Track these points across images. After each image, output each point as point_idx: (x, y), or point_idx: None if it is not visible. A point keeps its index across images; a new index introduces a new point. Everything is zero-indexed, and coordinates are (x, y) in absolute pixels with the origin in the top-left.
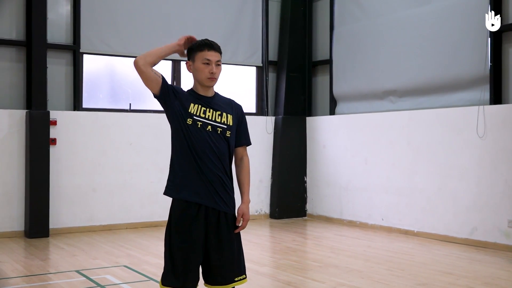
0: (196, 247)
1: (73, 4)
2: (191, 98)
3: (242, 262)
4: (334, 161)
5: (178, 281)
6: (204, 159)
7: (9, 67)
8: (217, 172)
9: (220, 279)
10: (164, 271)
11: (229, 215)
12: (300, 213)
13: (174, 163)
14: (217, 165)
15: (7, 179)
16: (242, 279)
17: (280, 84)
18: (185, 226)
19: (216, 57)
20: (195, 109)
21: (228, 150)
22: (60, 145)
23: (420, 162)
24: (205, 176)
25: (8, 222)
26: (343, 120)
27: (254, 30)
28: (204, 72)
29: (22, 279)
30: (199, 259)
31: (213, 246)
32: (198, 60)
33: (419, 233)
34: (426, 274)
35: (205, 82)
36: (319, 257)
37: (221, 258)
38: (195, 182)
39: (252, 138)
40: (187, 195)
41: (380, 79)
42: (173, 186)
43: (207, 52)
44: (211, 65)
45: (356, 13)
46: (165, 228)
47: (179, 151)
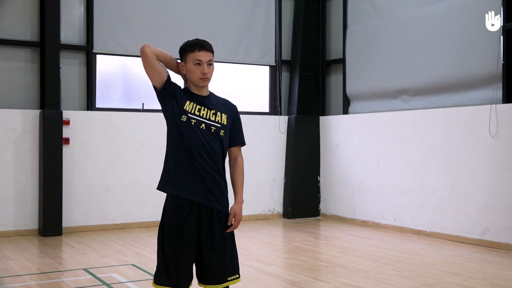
0: (189, 246)
1: (86, 5)
2: (187, 96)
3: (235, 262)
4: (347, 161)
5: (170, 280)
6: (197, 157)
7: (24, 67)
8: (210, 171)
9: (212, 278)
10: (157, 270)
11: (222, 214)
12: (314, 212)
13: (169, 159)
14: (210, 164)
15: (22, 178)
16: (235, 279)
17: (293, 83)
18: (177, 225)
19: (207, 57)
20: (190, 107)
21: (221, 149)
22: (73, 144)
23: (432, 161)
24: (198, 174)
25: (22, 221)
26: (356, 119)
27: (267, 29)
28: (196, 73)
29: (30, 276)
30: (192, 258)
31: (206, 245)
32: (189, 61)
33: (431, 233)
34: (433, 274)
35: (197, 83)
36: (327, 257)
37: (213, 258)
38: (188, 179)
39: (265, 137)
40: (180, 192)
41: (393, 78)
42: (167, 182)
43: (198, 52)
44: (202, 65)
45: (369, 11)
46: (158, 226)
47: (173, 148)
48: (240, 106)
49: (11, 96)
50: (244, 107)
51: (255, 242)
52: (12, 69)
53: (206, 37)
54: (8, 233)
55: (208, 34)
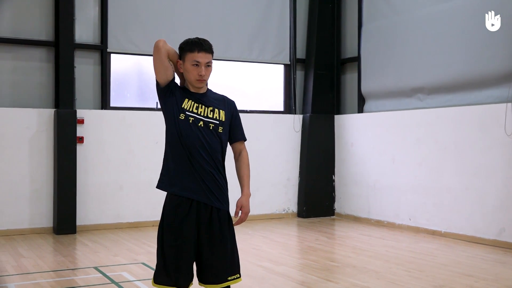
0: (188, 245)
1: (101, 4)
2: (185, 94)
3: (236, 261)
4: (362, 160)
5: (170, 280)
6: (195, 156)
7: (39, 67)
8: (209, 169)
9: (212, 278)
10: (156, 269)
11: (222, 212)
12: (328, 212)
13: (168, 158)
14: (209, 162)
15: (37, 176)
16: (236, 278)
17: (308, 82)
18: (177, 224)
19: (206, 59)
20: (188, 105)
21: (220, 147)
22: (88, 143)
23: (447, 160)
24: (197, 172)
25: (37, 219)
26: (371, 118)
27: (282, 27)
28: (193, 74)
29: (40, 274)
30: (191, 258)
31: (205, 245)
32: (187, 61)
33: (446, 233)
34: (445, 275)
35: (194, 84)
36: (339, 257)
37: (213, 257)
38: (187, 178)
39: (279, 136)
40: (179, 190)
41: (408, 76)
42: (166, 180)
43: (197, 53)
44: (200, 67)
45: (384, 9)
46: (158, 225)
47: (172, 146)
48: (254, 105)
49: (26, 96)
50: (259, 106)
51: (267, 242)
52: (28, 68)
53: (220, 36)
54: (23, 231)
55: (222, 32)
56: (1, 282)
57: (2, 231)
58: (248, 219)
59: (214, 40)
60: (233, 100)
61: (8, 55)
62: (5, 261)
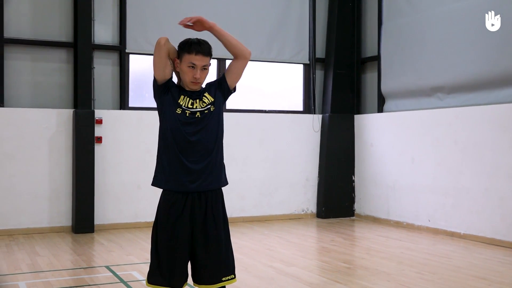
0: (182, 246)
1: (120, 5)
2: (181, 92)
3: (230, 262)
4: (381, 160)
5: (164, 280)
6: (188, 151)
7: (59, 68)
8: (202, 163)
9: (207, 278)
10: (150, 269)
11: (216, 212)
12: (348, 213)
13: (162, 155)
14: (203, 155)
15: (56, 176)
16: (231, 279)
17: (327, 81)
18: (170, 224)
19: (202, 62)
20: (184, 102)
21: (217, 126)
22: (106, 143)
23: (466, 161)
24: (189, 168)
25: (56, 218)
26: (390, 118)
27: (301, 27)
28: (189, 75)
29: (52, 273)
30: (185, 258)
31: (199, 245)
32: (184, 61)
33: (466, 235)
34: (458, 278)
35: (188, 85)
36: (352, 258)
37: (207, 257)
38: (181, 173)
39: (298, 136)
40: (174, 186)
41: (428, 75)
42: (161, 177)
43: (194, 55)
44: (196, 69)
45: (404, 7)
46: (152, 225)
47: (166, 143)
48: (273, 105)
49: (46, 96)
50: (278, 106)
51: (282, 242)
52: (48, 69)
53: (239, 35)
54: (43, 229)
55: (240, 32)
56: (1, 281)
57: (22, 229)
58: (266, 219)
59: None
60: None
61: (28, 56)
62: (20, 259)
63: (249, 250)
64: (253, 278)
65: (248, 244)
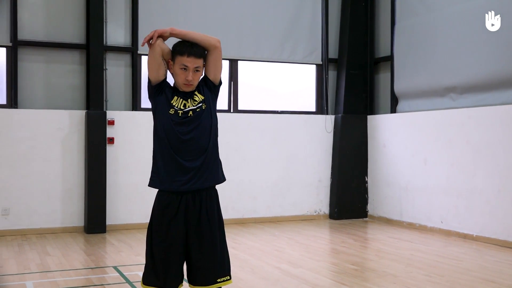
0: (176, 247)
1: (131, 7)
2: (174, 92)
3: (226, 263)
4: (394, 161)
5: (158, 281)
6: (183, 152)
7: (72, 69)
8: (198, 161)
9: (201, 279)
10: (145, 270)
11: (211, 213)
12: (361, 214)
13: (157, 156)
14: (197, 153)
15: (69, 176)
16: (226, 280)
17: (340, 82)
18: (164, 226)
19: (194, 64)
20: (177, 103)
21: (210, 122)
22: (118, 144)
23: (479, 162)
24: (185, 166)
25: (69, 218)
26: (403, 118)
27: (314, 27)
28: (181, 77)
29: (60, 273)
30: (180, 259)
31: (194, 246)
32: (177, 63)
33: (478, 237)
34: (466, 281)
35: (181, 87)
36: (360, 260)
37: (202, 258)
38: (176, 173)
39: (311, 137)
40: (169, 186)
41: (441, 75)
42: (156, 178)
43: (186, 58)
44: (188, 71)
45: (417, 7)
46: (147, 226)
47: (160, 144)
48: (286, 106)
49: (59, 97)
50: (290, 106)
51: (291, 243)
52: (61, 71)
53: (251, 36)
54: (55, 229)
55: (253, 33)
56: (1, 282)
57: (35, 229)
58: (277, 220)
59: (245, 40)
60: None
61: (41, 58)
62: (30, 259)
63: (257, 251)
64: (258, 279)
65: (257, 245)
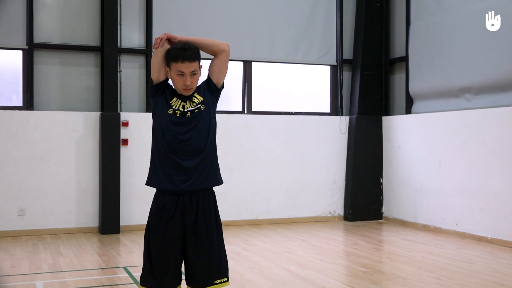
0: (173, 248)
1: (146, 9)
2: (174, 94)
3: (223, 264)
4: (409, 162)
5: (156, 282)
6: (180, 152)
7: (87, 71)
8: (195, 161)
9: (198, 281)
10: (143, 272)
11: (208, 214)
12: (376, 215)
13: (154, 155)
14: (194, 154)
15: (83, 177)
16: (223, 282)
17: (355, 83)
18: (161, 227)
19: (190, 68)
20: (176, 104)
21: (208, 124)
22: (132, 145)
23: (494, 163)
24: (182, 166)
25: (84, 219)
26: (418, 119)
27: (328, 27)
28: (179, 83)
29: (70, 273)
30: (177, 260)
31: (191, 247)
32: (173, 70)
33: (493, 240)
34: (475, 284)
35: (181, 92)
36: (370, 262)
37: (199, 259)
38: (173, 172)
39: (325, 138)
40: (166, 185)
41: (455, 76)
42: (154, 177)
43: (180, 63)
44: (185, 76)
45: (432, 6)
46: (145, 227)
47: (158, 143)
48: (300, 107)
49: (74, 99)
50: (305, 107)
51: (303, 245)
52: (76, 73)
53: (265, 37)
54: (70, 230)
55: (267, 34)
56: (1, 282)
57: (50, 230)
58: (291, 221)
59: (259, 41)
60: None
61: (57, 61)
62: (43, 259)
63: (268, 253)
64: (265, 281)
65: (269, 246)
